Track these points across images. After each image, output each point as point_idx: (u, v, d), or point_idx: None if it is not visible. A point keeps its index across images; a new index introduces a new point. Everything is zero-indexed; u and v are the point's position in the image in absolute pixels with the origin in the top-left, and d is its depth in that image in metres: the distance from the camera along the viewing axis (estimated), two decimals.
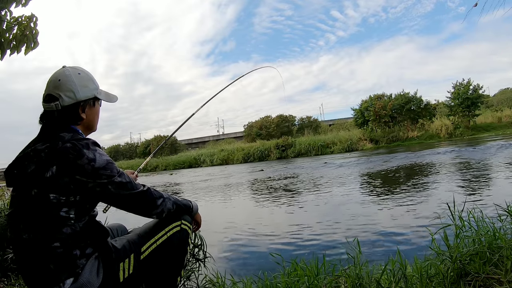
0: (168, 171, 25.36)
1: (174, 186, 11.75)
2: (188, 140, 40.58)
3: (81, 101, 1.12)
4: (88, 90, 1.14)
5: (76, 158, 0.99)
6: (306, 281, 1.64)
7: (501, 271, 1.39)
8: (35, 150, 1.02)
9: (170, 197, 1.24)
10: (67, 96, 1.09)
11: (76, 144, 1.00)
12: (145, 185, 1.16)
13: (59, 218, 0.98)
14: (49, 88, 1.10)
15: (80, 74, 1.14)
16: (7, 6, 2.36)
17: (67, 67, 1.15)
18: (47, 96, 1.10)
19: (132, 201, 1.10)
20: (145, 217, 1.19)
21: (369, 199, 5.31)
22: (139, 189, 1.12)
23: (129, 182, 1.09)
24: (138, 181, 1.21)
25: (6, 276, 2.10)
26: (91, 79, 1.17)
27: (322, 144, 24.05)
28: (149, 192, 1.15)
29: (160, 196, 1.19)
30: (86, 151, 1.01)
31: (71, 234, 1.00)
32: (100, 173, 1.02)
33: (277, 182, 9.09)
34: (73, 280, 1.00)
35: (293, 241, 3.42)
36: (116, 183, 1.05)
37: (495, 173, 6.26)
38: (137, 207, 1.13)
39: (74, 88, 1.10)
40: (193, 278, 1.92)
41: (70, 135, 1.04)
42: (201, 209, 1.50)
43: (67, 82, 1.10)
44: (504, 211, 1.88)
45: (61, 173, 0.98)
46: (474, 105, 22.68)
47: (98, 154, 1.03)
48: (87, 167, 1.00)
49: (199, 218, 1.48)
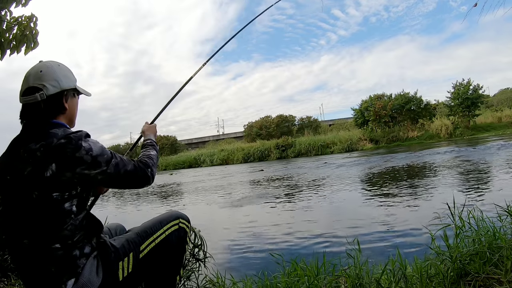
0: (168, 171, 25.36)
1: (174, 186, 11.75)
2: (188, 140, 40.61)
3: (65, 90, 1.12)
4: (69, 80, 1.15)
5: (74, 151, 0.98)
6: (306, 281, 1.64)
7: (501, 271, 1.39)
8: (28, 150, 0.98)
9: (148, 160, 1.21)
10: (51, 85, 1.08)
11: (72, 138, 1.00)
12: (132, 159, 1.16)
13: (62, 213, 0.98)
14: (30, 81, 1.08)
15: (59, 65, 1.15)
16: (7, 6, 2.36)
17: (45, 61, 1.15)
18: (28, 90, 1.07)
19: (128, 178, 1.10)
20: (139, 188, 1.19)
21: (369, 199, 5.30)
22: (130, 164, 1.11)
23: (120, 161, 1.09)
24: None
25: (6, 276, 2.10)
26: (70, 71, 1.19)
27: (322, 144, 24.05)
28: (139, 165, 1.14)
29: (146, 166, 1.17)
30: (82, 142, 1.00)
31: (71, 230, 1.00)
32: (99, 160, 1.02)
33: (277, 182, 9.09)
34: (74, 280, 1.00)
35: (293, 241, 3.42)
36: (113, 165, 1.05)
37: (495, 173, 6.26)
38: (132, 182, 1.13)
39: (57, 77, 1.10)
40: (193, 278, 1.92)
41: (62, 130, 1.03)
42: (202, 210, 1.50)
43: (50, 72, 1.09)
44: (504, 211, 1.88)
45: (61, 170, 0.96)
46: (474, 105, 22.70)
47: (92, 143, 1.04)
48: (86, 158, 0.99)
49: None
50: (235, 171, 15.70)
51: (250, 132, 33.24)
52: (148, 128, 1.54)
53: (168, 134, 36.61)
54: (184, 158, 29.03)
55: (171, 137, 36.17)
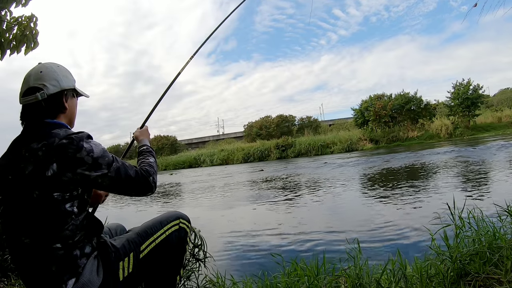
0: (168, 171, 25.35)
1: (174, 186, 11.75)
2: (188, 140, 40.59)
3: (65, 89, 1.13)
4: (68, 80, 1.16)
5: (76, 152, 0.98)
6: (306, 281, 1.64)
7: (501, 271, 1.39)
8: (30, 150, 0.98)
9: (149, 168, 1.20)
10: (51, 85, 1.09)
11: (74, 138, 1.00)
12: (135, 166, 1.15)
13: (63, 214, 0.98)
14: (30, 82, 1.09)
15: (59, 66, 1.17)
16: (7, 6, 2.36)
17: (44, 62, 1.16)
18: (28, 90, 1.08)
19: (130, 183, 1.09)
20: (142, 196, 1.17)
21: (369, 199, 5.31)
22: (132, 170, 1.11)
23: (122, 166, 1.08)
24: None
25: (6, 276, 2.10)
26: (69, 72, 1.20)
27: (322, 144, 24.04)
28: (141, 173, 1.13)
29: (148, 174, 1.15)
30: (83, 143, 1.00)
31: (72, 230, 1.00)
32: (99, 162, 1.02)
33: (277, 182, 9.09)
34: (74, 280, 1.00)
35: (293, 241, 3.42)
36: (115, 169, 1.05)
37: (495, 173, 6.26)
38: (134, 189, 1.12)
39: (57, 77, 1.12)
40: (193, 278, 1.92)
41: (63, 130, 1.04)
42: (202, 210, 1.50)
43: (50, 72, 1.11)
44: (504, 211, 1.89)
45: (62, 170, 0.97)
46: (474, 105, 22.69)
47: (94, 145, 1.03)
48: (87, 159, 0.99)
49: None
50: (235, 171, 15.70)
51: (250, 132, 33.23)
52: (141, 133, 1.52)
53: (168, 134, 36.63)
54: (184, 158, 29.01)
55: (171, 137, 36.16)
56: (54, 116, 1.10)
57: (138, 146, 1.44)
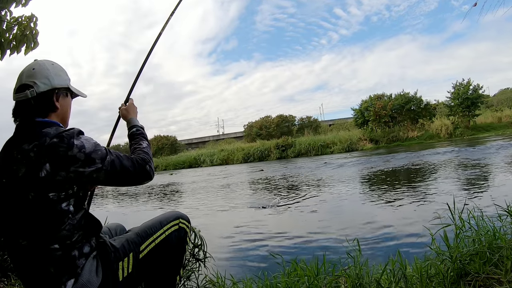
0: (168, 171, 25.35)
1: (174, 186, 11.75)
2: (188, 140, 40.60)
3: (56, 88, 1.12)
4: (61, 79, 1.15)
5: (67, 150, 0.97)
6: (306, 281, 1.64)
7: (501, 271, 1.38)
8: (21, 151, 0.97)
9: (144, 154, 1.18)
10: (42, 83, 1.08)
11: (64, 136, 0.99)
12: (129, 156, 1.14)
13: (60, 213, 0.97)
14: (22, 79, 1.08)
15: (53, 64, 1.16)
16: (7, 6, 2.36)
17: (39, 59, 1.16)
18: (20, 87, 1.07)
19: (126, 174, 1.09)
20: (140, 184, 1.17)
21: (369, 199, 5.31)
22: (128, 160, 1.10)
23: (116, 158, 1.07)
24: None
25: (6, 276, 2.10)
26: (64, 70, 1.19)
27: (322, 144, 24.04)
28: (137, 162, 1.13)
29: (144, 162, 1.15)
30: (74, 140, 0.99)
31: (70, 230, 0.99)
32: (92, 157, 1.01)
33: (277, 182, 9.09)
34: (73, 281, 0.99)
35: (293, 241, 3.42)
36: (109, 162, 1.04)
37: (495, 173, 6.26)
38: (132, 179, 1.12)
39: (49, 75, 1.11)
40: (193, 278, 1.92)
41: (54, 129, 1.02)
42: (202, 210, 1.50)
43: (42, 70, 1.10)
44: (504, 211, 1.88)
45: (56, 169, 0.96)
46: (474, 105, 22.70)
47: (85, 140, 1.02)
48: (79, 156, 0.98)
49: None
50: (235, 171, 15.69)
51: (250, 132, 33.24)
52: (127, 110, 1.48)
53: (168, 134, 36.66)
54: (184, 158, 29.00)
55: (171, 137, 36.16)
56: (45, 115, 1.09)
57: (128, 127, 1.41)
